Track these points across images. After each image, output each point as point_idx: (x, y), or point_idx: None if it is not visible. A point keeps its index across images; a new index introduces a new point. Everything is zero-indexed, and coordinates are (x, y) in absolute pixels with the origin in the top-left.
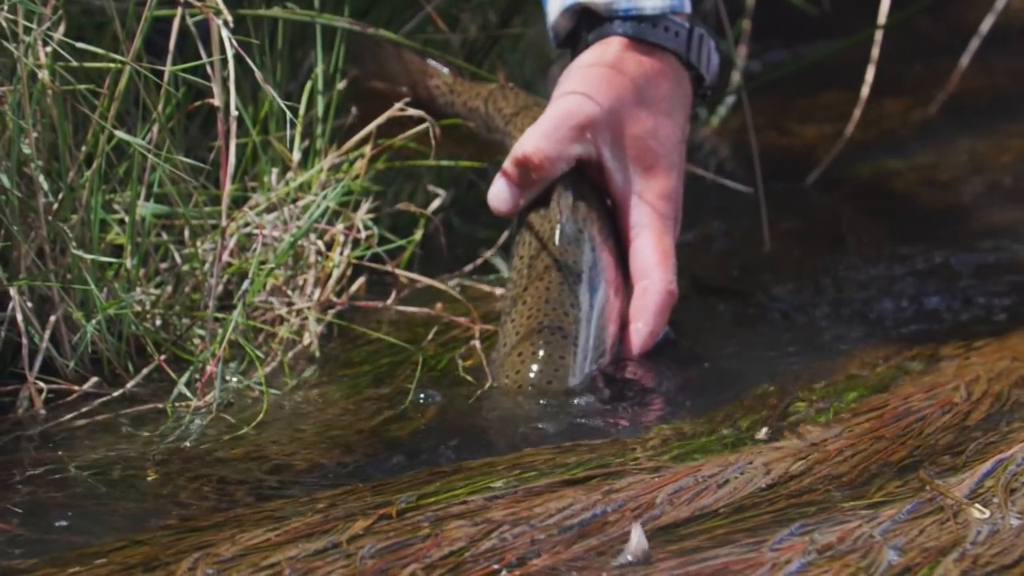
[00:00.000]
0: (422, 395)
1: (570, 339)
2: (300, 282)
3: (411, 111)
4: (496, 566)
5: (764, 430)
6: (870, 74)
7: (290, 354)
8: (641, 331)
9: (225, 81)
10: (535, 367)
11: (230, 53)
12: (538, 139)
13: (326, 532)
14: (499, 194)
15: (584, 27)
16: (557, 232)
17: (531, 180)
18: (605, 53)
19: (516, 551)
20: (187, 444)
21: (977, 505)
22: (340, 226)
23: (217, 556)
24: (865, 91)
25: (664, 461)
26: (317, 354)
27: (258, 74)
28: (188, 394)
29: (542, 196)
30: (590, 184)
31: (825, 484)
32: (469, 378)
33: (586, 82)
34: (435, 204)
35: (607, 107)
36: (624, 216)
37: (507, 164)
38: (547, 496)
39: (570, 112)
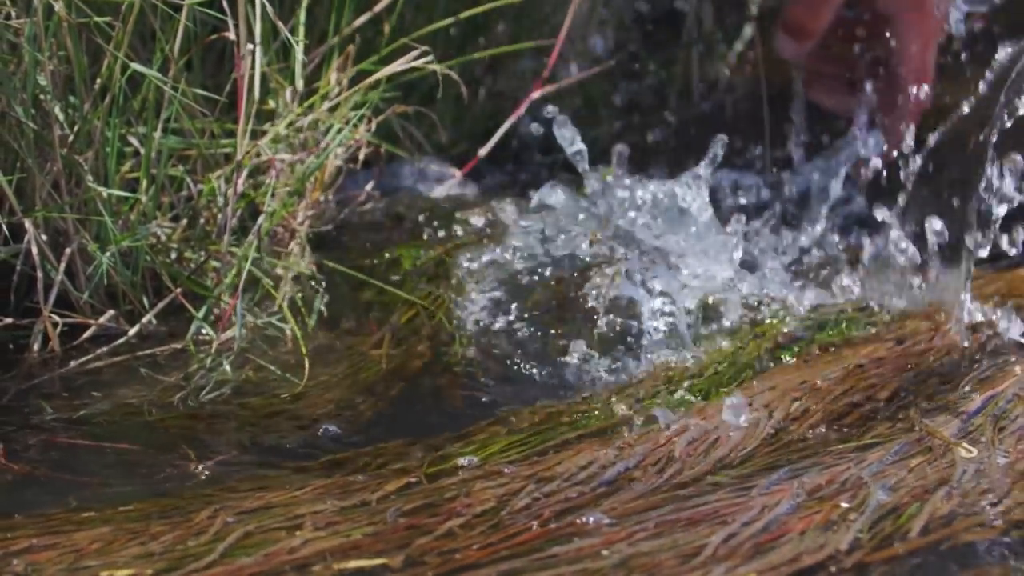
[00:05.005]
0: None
1: None
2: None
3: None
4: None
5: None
6: None
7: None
8: None
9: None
10: None
11: None
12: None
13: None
14: (783, 46)
15: None
16: None
17: (807, 34)
18: None
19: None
20: (210, 388)
21: (965, 444)
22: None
23: (238, 508)
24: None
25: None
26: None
27: (269, 9)
28: (208, 328)
29: None
30: None
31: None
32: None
33: None
34: None
35: None
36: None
37: (783, 25)
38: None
39: None
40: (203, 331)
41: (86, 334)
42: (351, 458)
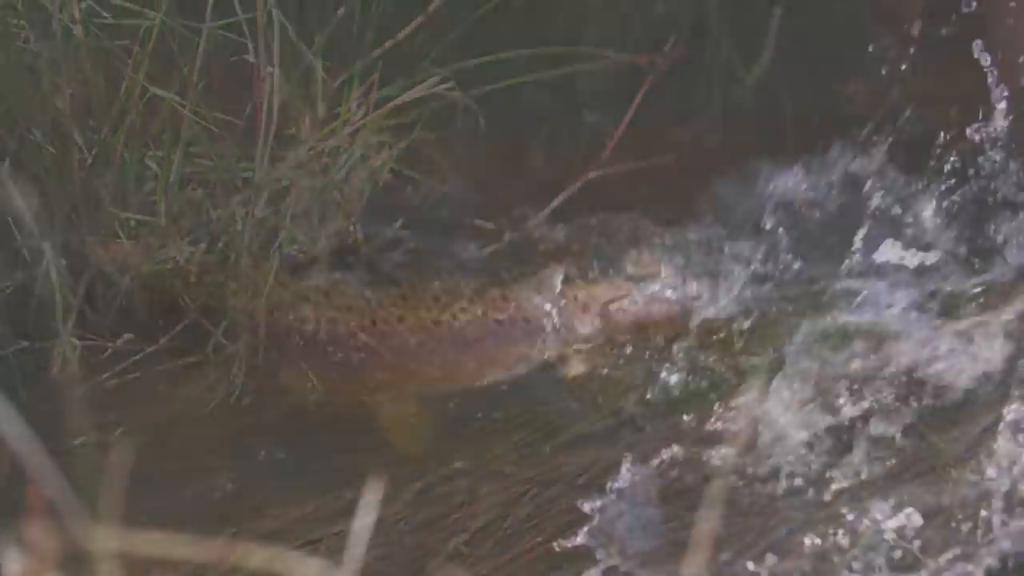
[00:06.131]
0: None
1: None
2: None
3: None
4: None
5: None
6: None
7: None
8: None
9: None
10: None
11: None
12: None
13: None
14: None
15: None
16: None
17: None
18: None
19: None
20: (231, 401)
21: (971, 465)
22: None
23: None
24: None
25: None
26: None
27: (290, 30)
28: (226, 343)
29: None
30: None
31: None
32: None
33: None
34: None
35: None
36: None
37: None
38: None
39: None
40: (222, 347)
41: (104, 355)
42: (364, 469)
